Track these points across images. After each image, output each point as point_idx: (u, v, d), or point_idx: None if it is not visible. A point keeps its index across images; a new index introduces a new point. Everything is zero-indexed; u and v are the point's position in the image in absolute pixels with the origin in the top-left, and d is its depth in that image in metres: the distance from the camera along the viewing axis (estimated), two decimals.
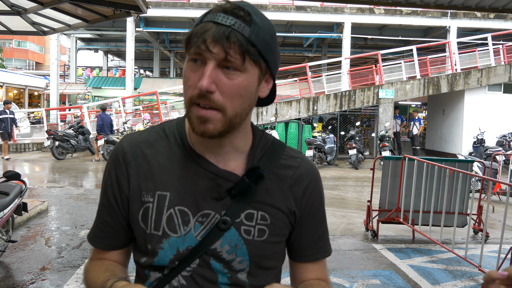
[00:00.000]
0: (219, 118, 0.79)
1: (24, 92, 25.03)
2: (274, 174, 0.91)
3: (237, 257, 0.86)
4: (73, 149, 12.77)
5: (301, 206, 0.93)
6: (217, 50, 0.75)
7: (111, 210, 0.91)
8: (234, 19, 0.76)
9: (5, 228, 4.44)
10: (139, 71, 36.86)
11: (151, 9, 12.58)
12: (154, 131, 0.93)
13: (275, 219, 0.90)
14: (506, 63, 15.80)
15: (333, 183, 10.08)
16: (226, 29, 0.75)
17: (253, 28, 0.77)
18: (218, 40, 0.75)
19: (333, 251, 4.92)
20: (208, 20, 0.77)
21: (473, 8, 5.20)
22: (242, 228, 0.87)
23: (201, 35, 0.76)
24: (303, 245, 0.96)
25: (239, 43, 0.75)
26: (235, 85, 0.78)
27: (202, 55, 0.77)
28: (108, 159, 0.95)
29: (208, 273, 0.86)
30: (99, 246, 0.95)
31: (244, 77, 0.79)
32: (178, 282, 0.85)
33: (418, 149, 15.66)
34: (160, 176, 0.87)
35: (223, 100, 0.78)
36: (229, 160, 0.89)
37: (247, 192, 0.86)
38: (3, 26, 5.67)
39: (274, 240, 0.90)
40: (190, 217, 0.86)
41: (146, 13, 4.80)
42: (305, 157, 0.98)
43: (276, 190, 0.90)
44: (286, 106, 14.75)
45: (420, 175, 5.29)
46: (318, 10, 18.99)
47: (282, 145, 0.96)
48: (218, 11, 0.78)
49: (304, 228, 0.95)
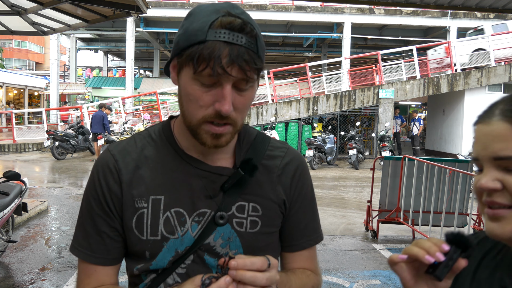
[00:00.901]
0: (231, 131, 0.81)
1: (24, 92, 25.04)
2: (261, 165, 0.91)
3: (231, 250, 0.86)
4: (73, 149, 12.77)
5: (290, 194, 0.94)
6: (235, 72, 0.74)
7: (109, 220, 0.87)
8: (244, 36, 0.75)
9: (5, 228, 4.44)
10: (139, 71, 36.87)
11: (151, 9, 12.58)
12: (140, 137, 0.92)
13: (267, 209, 0.90)
14: (506, 63, 15.80)
15: (333, 183, 10.08)
16: (240, 48, 0.74)
17: (257, 42, 0.77)
18: (236, 62, 0.74)
19: (333, 251, 4.95)
20: (216, 40, 0.74)
21: (473, 8, 5.20)
22: (234, 220, 0.87)
23: (216, 58, 0.73)
24: (291, 234, 0.96)
25: (254, 62, 0.76)
26: (247, 101, 0.81)
27: (218, 80, 0.75)
28: (95, 167, 0.90)
29: (203, 269, 0.85)
30: (99, 262, 0.87)
31: (252, 90, 0.81)
32: (173, 280, 0.85)
33: (418, 149, 15.66)
34: (153, 180, 0.87)
35: (236, 115, 0.80)
36: (218, 157, 0.89)
37: (238, 185, 0.87)
38: (3, 26, 5.66)
39: (267, 231, 0.90)
40: (186, 217, 0.85)
41: (146, 13, 4.80)
42: (290, 147, 0.98)
43: (265, 181, 0.91)
44: (286, 106, 14.75)
45: (420, 175, 5.29)
46: (318, 10, 18.99)
47: (267, 137, 0.97)
48: (224, 28, 0.74)
49: (292, 217, 0.95)
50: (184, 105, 0.82)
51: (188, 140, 0.88)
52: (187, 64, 0.78)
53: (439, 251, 0.65)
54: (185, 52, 0.77)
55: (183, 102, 0.82)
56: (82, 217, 0.89)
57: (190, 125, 0.82)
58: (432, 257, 0.65)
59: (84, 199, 0.90)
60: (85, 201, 0.89)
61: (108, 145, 0.97)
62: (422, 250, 0.66)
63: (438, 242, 0.66)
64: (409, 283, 0.69)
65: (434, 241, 0.67)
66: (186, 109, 0.81)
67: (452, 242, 0.66)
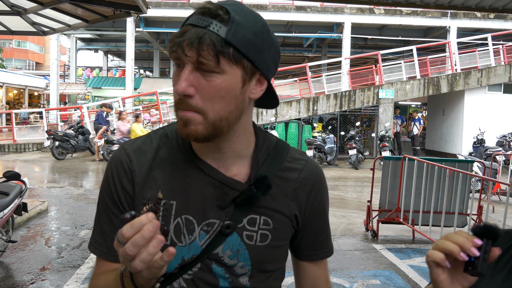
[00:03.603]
0: (199, 120, 0.77)
1: (24, 92, 25.04)
2: (277, 177, 0.89)
3: (239, 262, 0.86)
4: (73, 149, 12.77)
5: (306, 209, 0.93)
6: (191, 53, 0.74)
7: None
8: (210, 19, 0.74)
9: (5, 228, 4.44)
10: (139, 71, 36.85)
11: (151, 9, 12.57)
12: (157, 137, 0.91)
13: (278, 223, 0.89)
14: (506, 63, 15.80)
15: (333, 183, 10.08)
16: (201, 31, 0.74)
17: (231, 27, 0.74)
18: (192, 43, 0.74)
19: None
20: (188, 23, 0.76)
21: (473, 8, 5.19)
22: (244, 233, 0.86)
23: (178, 39, 0.75)
24: (309, 244, 0.97)
25: (212, 44, 0.73)
26: (213, 87, 0.76)
27: (181, 60, 0.76)
28: (109, 165, 0.89)
29: (210, 277, 0.85)
30: (116, 260, 0.84)
31: (223, 79, 0.76)
32: (179, 284, 0.85)
33: (418, 149, 15.66)
34: (165, 184, 0.85)
35: (203, 103, 0.77)
36: (231, 165, 0.87)
37: (251, 199, 0.85)
38: (3, 26, 5.66)
39: (276, 244, 0.89)
40: (195, 225, 0.84)
41: (146, 13, 4.80)
42: (309, 159, 0.96)
43: (279, 194, 0.89)
44: (286, 106, 14.75)
45: (420, 175, 5.29)
46: (318, 10, 18.99)
47: (286, 147, 0.94)
48: (197, 13, 0.76)
49: (310, 228, 0.95)
50: None
51: (201, 144, 0.86)
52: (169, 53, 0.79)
53: (473, 246, 0.65)
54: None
55: None
56: (99, 214, 0.89)
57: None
58: (467, 252, 0.65)
59: (100, 197, 0.89)
60: (101, 200, 0.89)
61: (123, 143, 0.97)
62: (457, 246, 0.66)
63: (469, 237, 0.66)
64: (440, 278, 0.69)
65: (465, 235, 0.67)
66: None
67: (480, 235, 0.66)
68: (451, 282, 0.69)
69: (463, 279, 0.68)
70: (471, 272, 0.65)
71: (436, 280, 0.69)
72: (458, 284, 0.69)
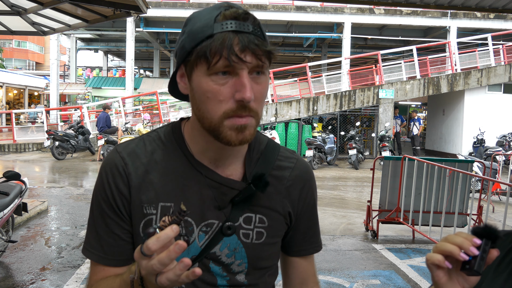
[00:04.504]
0: (253, 123, 0.79)
1: (24, 92, 25.04)
2: (271, 176, 0.90)
3: (236, 260, 0.87)
4: (73, 149, 12.77)
5: (298, 206, 0.95)
6: (249, 58, 0.74)
7: (120, 221, 0.86)
8: (250, 24, 0.75)
9: (5, 228, 4.44)
10: (139, 71, 36.85)
11: (151, 9, 12.58)
12: (150, 139, 0.90)
13: (273, 221, 0.90)
14: (506, 63, 15.80)
15: (333, 183, 10.08)
16: (249, 35, 0.74)
17: (262, 29, 0.78)
18: (249, 47, 0.74)
19: (333, 251, 4.95)
20: (224, 31, 0.74)
21: (473, 8, 5.19)
22: (241, 232, 0.87)
23: (229, 47, 0.73)
24: (300, 240, 0.99)
25: (264, 47, 0.76)
26: (263, 89, 0.79)
27: (231, 67, 0.75)
28: (104, 168, 0.88)
29: (207, 276, 0.86)
30: (112, 264, 0.86)
31: (266, 78, 0.80)
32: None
33: (418, 149, 15.66)
34: (162, 187, 0.85)
35: (256, 105, 0.78)
36: (227, 165, 0.88)
37: (248, 198, 0.86)
38: (3, 26, 5.66)
39: (271, 241, 0.91)
40: (194, 227, 0.85)
41: (146, 13, 4.80)
42: (299, 157, 0.98)
43: (273, 192, 0.90)
44: (286, 106, 14.75)
45: (420, 175, 5.29)
46: (318, 10, 18.98)
47: (277, 146, 0.96)
48: (229, 19, 0.75)
49: (302, 225, 0.97)
50: (202, 106, 0.79)
51: (199, 144, 0.86)
52: (199, 62, 0.77)
53: (472, 246, 0.66)
54: (194, 51, 0.77)
55: (200, 103, 0.80)
56: (93, 219, 0.88)
57: (211, 125, 0.79)
58: (467, 252, 0.65)
59: (94, 201, 0.88)
60: (95, 203, 0.88)
61: (116, 145, 0.95)
62: (456, 247, 0.66)
63: (469, 237, 0.67)
64: (442, 280, 0.69)
65: (464, 235, 0.68)
66: (205, 109, 0.79)
67: (480, 236, 0.66)
68: (452, 284, 0.69)
69: (465, 281, 0.69)
70: (468, 270, 0.66)
71: (438, 283, 0.70)
72: (460, 286, 0.69)
